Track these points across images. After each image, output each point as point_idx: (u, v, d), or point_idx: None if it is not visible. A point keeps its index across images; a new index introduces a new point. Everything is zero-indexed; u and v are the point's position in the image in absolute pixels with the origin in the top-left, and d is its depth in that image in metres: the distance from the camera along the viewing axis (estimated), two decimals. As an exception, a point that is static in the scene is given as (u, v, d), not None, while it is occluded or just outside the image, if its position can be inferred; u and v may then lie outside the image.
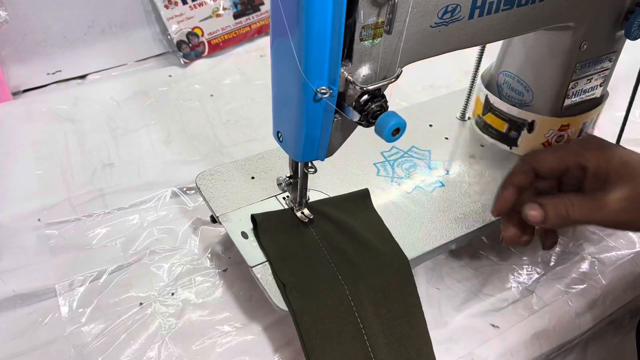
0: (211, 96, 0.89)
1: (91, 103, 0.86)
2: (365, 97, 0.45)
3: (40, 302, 0.58)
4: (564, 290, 0.61)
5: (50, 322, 0.57)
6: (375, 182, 0.64)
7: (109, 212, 0.68)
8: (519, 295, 0.61)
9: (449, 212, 0.61)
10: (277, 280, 0.52)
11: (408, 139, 0.71)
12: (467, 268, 0.63)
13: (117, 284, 0.60)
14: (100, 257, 0.63)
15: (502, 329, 0.57)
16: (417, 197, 0.63)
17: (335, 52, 0.42)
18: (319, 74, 0.43)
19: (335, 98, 0.45)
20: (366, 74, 0.45)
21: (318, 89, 0.43)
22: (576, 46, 0.60)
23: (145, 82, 0.92)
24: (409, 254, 0.55)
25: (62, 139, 0.79)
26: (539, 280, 0.62)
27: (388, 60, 0.46)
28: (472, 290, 0.61)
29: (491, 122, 0.70)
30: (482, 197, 0.63)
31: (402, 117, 0.43)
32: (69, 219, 0.67)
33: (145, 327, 0.56)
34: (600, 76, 0.66)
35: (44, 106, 0.85)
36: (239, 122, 0.84)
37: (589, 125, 0.69)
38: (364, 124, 0.46)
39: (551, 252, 0.66)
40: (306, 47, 0.41)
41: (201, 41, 0.97)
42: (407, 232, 0.58)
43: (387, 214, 0.60)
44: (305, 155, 0.50)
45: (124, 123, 0.83)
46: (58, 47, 0.92)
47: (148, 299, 0.59)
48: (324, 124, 0.47)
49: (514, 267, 0.64)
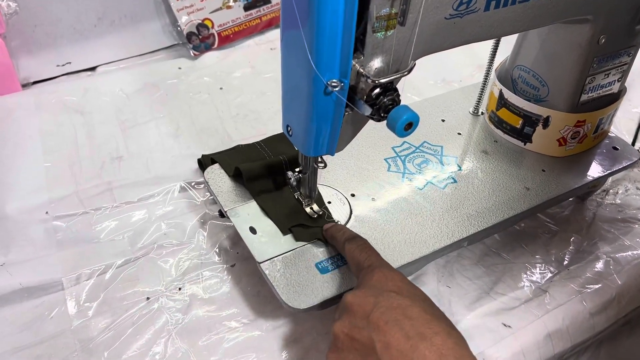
0: (220, 89, 0.88)
1: (100, 95, 0.85)
2: (377, 90, 0.44)
3: (47, 295, 0.58)
4: (578, 289, 0.60)
5: (57, 315, 0.56)
6: (386, 177, 0.63)
7: (116, 205, 0.67)
8: (531, 294, 0.59)
9: (461, 209, 0.60)
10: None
11: (420, 134, 0.69)
12: (478, 266, 0.62)
13: (124, 278, 0.60)
14: (108, 251, 0.62)
15: (515, 329, 0.56)
16: (429, 193, 0.61)
17: (347, 44, 0.41)
18: (330, 67, 0.42)
19: (346, 91, 0.44)
20: (378, 67, 0.44)
21: (329, 82, 0.42)
22: (594, 40, 0.59)
23: (154, 75, 0.91)
24: (420, 252, 0.54)
25: (70, 131, 0.78)
26: (553, 280, 0.61)
27: (401, 52, 0.44)
28: (483, 288, 0.60)
29: (505, 118, 0.69)
30: (495, 194, 0.62)
31: (415, 112, 0.42)
32: (77, 212, 0.66)
33: (151, 322, 0.56)
34: (618, 71, 0.64)
35: (53, 97, 0.84)
36: (248, 116, 0.83)
37: (606, 121, 0.68)
38: (376, 118, 0.45)
39: (565, 250, 0.64)
40: (317, 39, 0.40)
41: (211, 33, 0.96)
42: (418, 228, 0.57)
43: (397, 210, 0.59)
44: (315, 149, 0.49)
45: (133, 116, 0.82)
46: (68, 39, 0.92)
47: (155, 293, 0.58)
48: (335, 118, 0.46)
49: (527, 266, 0.62)
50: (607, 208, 0.71)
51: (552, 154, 0.67)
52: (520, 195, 0.62)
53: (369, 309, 0.42)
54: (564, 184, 0.64)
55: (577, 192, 0.66)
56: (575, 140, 0.66)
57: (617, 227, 0.68)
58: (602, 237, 0.66)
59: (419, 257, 0.54)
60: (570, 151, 0.67)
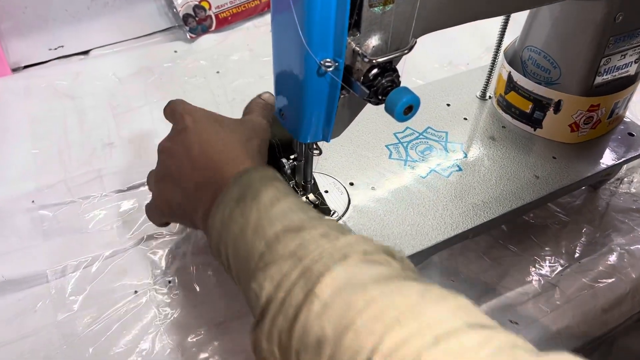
0: (217, 73, 0.85)
1: (93, 79, 0.82)
2: (374, 70, 0.40)
3: (30, 288, 0.55)
4: (590, 284, 0.57)
5: (41, 309, 0.54)
6: (387, 165, 0.60)
7: (105, 194, 0.64)
8: (540, 289, 0.56)
9: (466, 198, 0.56)
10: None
11: (423, 120, 0.66)
12: (484, 258, 0.59)
13: (111, 271, 0.57)
14: (96, 242, 0.59)
15: (522, 326, 0.53)
16: (432, 182, 0.58)
17: (341, 20, 0.37)
18: (324, 45, 0.39)
19: (341, 72, 0.40)
20: (376, 45, 0.41)
21: (322, 62, 0.39)
22: (610, 17, 0.55)
23: (149, 58, 0.88)
24: (422, 244, 0.51)
25: (60, 116, 0.75)
26: (563, 273, 0.58)
27: (401, 29, 0.41)
28: (489, 283, 0.56)
29: (514, 102, 0.65)
30: (503, 183, 0.58)
31: (415, 94, 0.39)
32: (64, 201, 0.63)
33: (139, 317, 0.53)
34: (636, 51, 0.60)
35: (44, 82, 0.81)
36: (246, 101, 0.78)
37: (621, 105, 0.64)
38: (373, 100, 0.41)
39: (576, 242, 0.61)
40: (309, 14, 0.37)
41: (208, 15, 0.93)
42: (420, 219, 0.54)
43: (399, 200, 0.56)
44: (309, 135, 0.46)
45: (126, 100, 0.79)
46: (60, 21, 0.89)
47: (143, 287, 0.56)
48: (329, 101, 0.43)
49: (535, 259, 0.59)
50: (621, 197, 0.67)
51: (564, 140, 0.64)
52: (529, 184, 0.58)
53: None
54: (575, 172, 0.60)
55: (589, 180, 0.63)
56: (589, 125, 0.63)
57: (632, 217, 0.64)
58: (615, 228, 0.63)
59: (421, 249, 0.51)
60: (583, 137, 0.64)
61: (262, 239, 0.38)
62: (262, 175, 0.43)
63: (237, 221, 0.40)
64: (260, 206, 0.40)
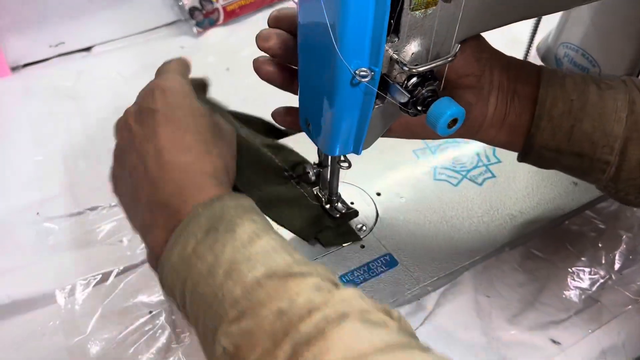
0: (227, 70, 0.81)
1: (96, 79, 0.79)
2: (414, 79, 0.37)
3: (38, 309, 0.52)
4: (634, 298, 0.53)
5: (50, 333, 0.50)
6: (415, 172, 0.56)
7: (115, 204, 0.61)
8: (581, 304, 0.53)
9: (502, 208, 0.53)
10: None
11: (450, 121, 0.62)
12: (520, 271, 0.55)
13: (124, 289, 0.54)
14: (106, 257, 0.56)
15: (565, 346, 0.49)
16: (464, 190, 0.54)
17: (379, 25, 0.34)
18: (359, 53, 0.35)
19: (377, 82, 0.37)
20: (415, 52, 0.37)
21: (357, 71, 0.35)
22: (658, 12, 0.51)
23: (154, 54, 0.84)
24: (458, 262, 0.48)
25: (64, 119, 0.72)
26: (604, 286, 0.54)
27: (442, 34, 0.37)
28: (527, 298, 0.53)
29: (547, 101, 0.61)
30: (540, 190, 0.54)
31: (459, 105, 0.35)
32: (71, 213, 0.60)
33: (155, 339, 0.50)
34: (681, 48, 0.56)
35: (45, 82, 0.77)
36: (258, 100, 0.75)
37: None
38: (412, 112, 0.38)
39: (615, 252, 0.57)
40: (343, 18, 0.33)
41: (215, 7, 0.89)
42: (454, 233, 0.50)
43: (430, 211, 0.52)
44: (338, 148, 0.42)
45: (131, 101, 0.75)
46: (60, 17, 0.84)
47: (159, 305, 0.52)
48: (362, 112, 0.39)
49: (574, 270, 0.55)
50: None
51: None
52: (567, 191, 0.55)
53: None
54: (615, 177, 0.56)
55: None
56: (628, 126, 0.59)
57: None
58: (656, 235, 0.59)
59: (458, 267, 0.47)
60: (621, 139, 0.60)
61: (237, 283, 0.32)
62: (238, 204, 0.36)
63: (203, 258, 0.33)
64: (236, 243, 0.33)
